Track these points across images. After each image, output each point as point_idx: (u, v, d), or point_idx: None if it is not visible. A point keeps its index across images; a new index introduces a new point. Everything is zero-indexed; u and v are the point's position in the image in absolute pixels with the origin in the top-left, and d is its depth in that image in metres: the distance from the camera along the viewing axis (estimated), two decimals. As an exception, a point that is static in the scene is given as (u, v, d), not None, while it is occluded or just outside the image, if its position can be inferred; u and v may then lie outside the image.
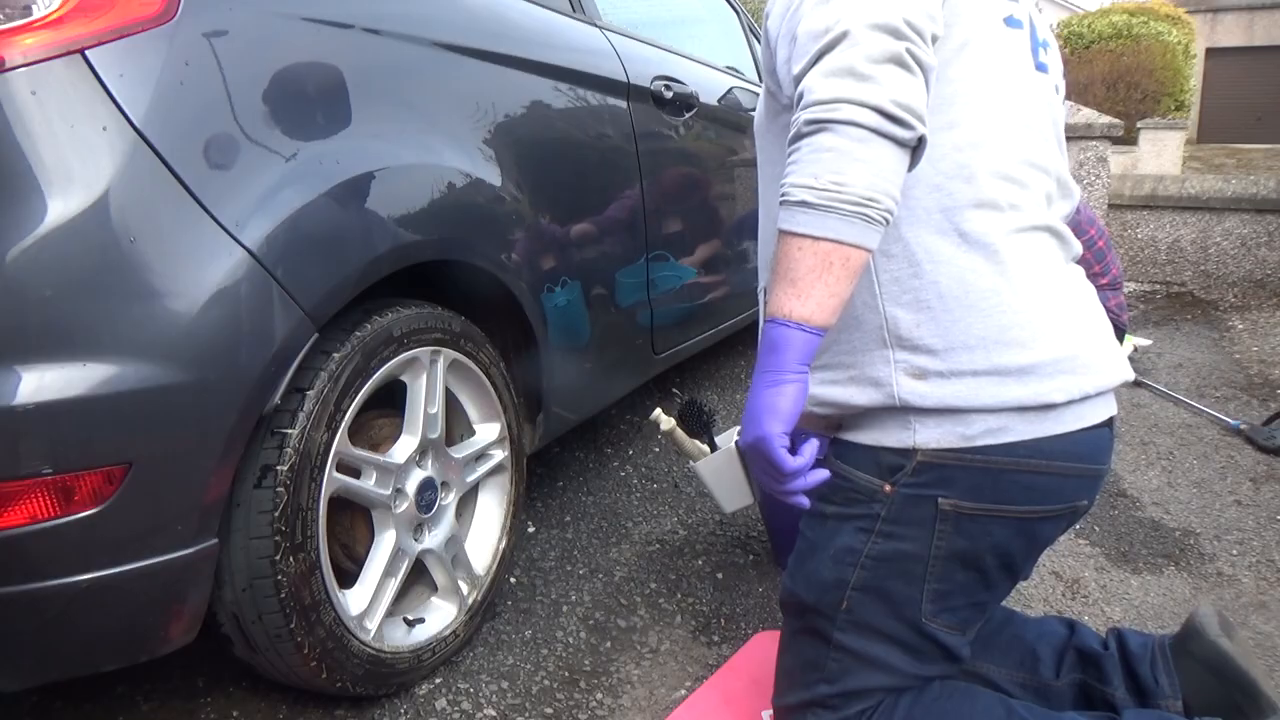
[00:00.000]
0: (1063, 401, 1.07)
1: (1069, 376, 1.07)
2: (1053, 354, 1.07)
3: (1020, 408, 1.05)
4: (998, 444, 1.06)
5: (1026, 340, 1.06)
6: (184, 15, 1.09)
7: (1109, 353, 1.14)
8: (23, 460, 0.97)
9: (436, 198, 1.40)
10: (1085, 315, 1.14)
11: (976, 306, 1.05)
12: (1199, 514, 2.26)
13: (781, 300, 0.95)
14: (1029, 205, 1.11)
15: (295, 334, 1.17)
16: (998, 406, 1.05)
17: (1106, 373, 1.12)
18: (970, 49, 1.09)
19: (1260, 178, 5.15)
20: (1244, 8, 17.92)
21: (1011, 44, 1.13)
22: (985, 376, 1.05)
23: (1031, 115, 1.15)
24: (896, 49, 0.91)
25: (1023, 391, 1.05)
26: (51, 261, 0.98)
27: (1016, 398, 1.05)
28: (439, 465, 1.50)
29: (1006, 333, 1.05)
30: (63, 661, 1.10)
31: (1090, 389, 1.09)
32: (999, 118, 1.10)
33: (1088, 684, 1.30)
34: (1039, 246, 1.11)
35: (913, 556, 1.12)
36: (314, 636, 1.25)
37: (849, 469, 1.14)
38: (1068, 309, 1.11)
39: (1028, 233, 1.10)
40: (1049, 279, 1.11)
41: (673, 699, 1.49)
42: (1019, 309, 1.06)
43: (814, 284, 0.93)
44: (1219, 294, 4.99)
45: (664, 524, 2.13)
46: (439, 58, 1.49)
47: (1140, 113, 11.73)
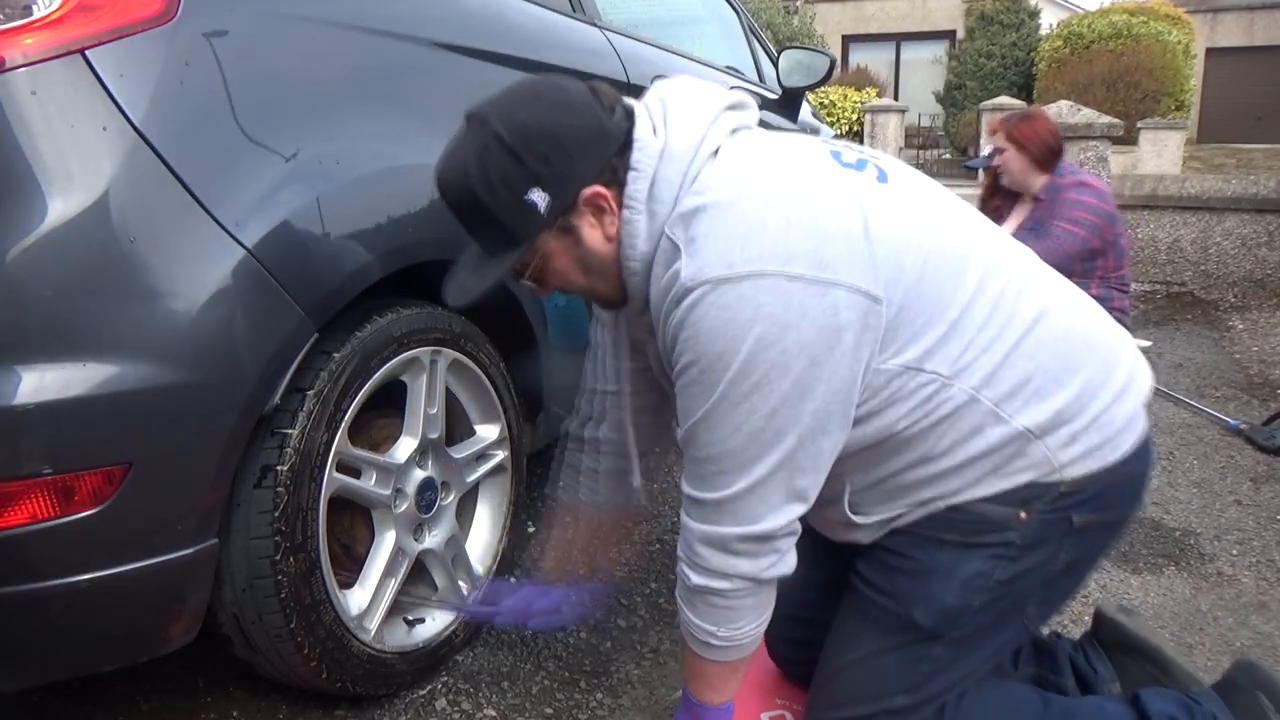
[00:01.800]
0: (1147, 398, 1.14)
1: (1141, 367, 1.15)
2: (1131, 355, 1.15)
3: (1136, 416, 1.12)
4: (1120, 457, 1.10)
5: (1118, 356, 1.13)
6: (184, 15, 1.09)
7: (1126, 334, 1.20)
8: (23, 460, 0.97)
9: (436, 197, 1.39)
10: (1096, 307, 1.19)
11: (1085, 363, 1.09)
12: (1199, 514, 2.26)
13: (702, 693, 1.15)
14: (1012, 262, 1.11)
15: (295, 334, 1.17)
16: (1122, 426, 1.10)
17: (1143, 357, 1.19)
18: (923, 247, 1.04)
19: (1260, 178, 5.15)
20: (1244, 8, 17.93)
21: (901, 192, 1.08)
22: (1112, 406, 1.09)
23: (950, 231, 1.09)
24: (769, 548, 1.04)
25: (1130, 404, 1.11)
26: (52, 261, 0.98)
27: (1129, 411, 1.11)
28: (439, 465, 1.50)
29: (1109, 360, 1.11)
30: (63, 661, 1.10)
31: (1150, 374, 1.17)
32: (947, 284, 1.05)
33: (1042, 675, 1.36)
34: (1046, 279, 1.14)
35: (1035, 571, 1.13)
36: (314, 636, 1.25)
37: (975, 505, 1.10)
38: (1094, 309, 1.17)
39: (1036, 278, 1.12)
40: (1071, 296, 1.15)
41: (673, 699, 1.49)
42: (1100, 333, 1.13)
43: (728, 681, 1.15)
44: (1219, 294, 4.99)
45: (664, 524, 2.13)
46: (439, 58, 1.49)
47: (1140, 113, 11.74)
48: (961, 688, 1.16)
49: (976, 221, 1.13)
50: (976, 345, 1.04)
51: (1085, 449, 1.08)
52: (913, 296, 1.01)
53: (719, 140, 1.04)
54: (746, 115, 1.10)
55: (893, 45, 17.60)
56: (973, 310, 1.04)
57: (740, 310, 0.94)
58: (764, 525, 1.02)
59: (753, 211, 0.97)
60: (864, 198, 1.02)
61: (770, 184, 1.00)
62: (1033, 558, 1.11)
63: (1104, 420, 1.08)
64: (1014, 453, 1.07)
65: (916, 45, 17.16)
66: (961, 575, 1.11)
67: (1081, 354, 1.09)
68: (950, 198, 1.14)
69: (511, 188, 0.99)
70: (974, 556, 1.11)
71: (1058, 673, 1.35)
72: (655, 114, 1.05)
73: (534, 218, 1.01)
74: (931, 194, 1.12)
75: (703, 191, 1.00)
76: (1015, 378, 1.05)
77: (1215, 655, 1.65)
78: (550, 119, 1.00)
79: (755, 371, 0.95)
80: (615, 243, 1.05)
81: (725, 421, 0.98)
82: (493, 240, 1.06)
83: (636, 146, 1.02)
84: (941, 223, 1.07)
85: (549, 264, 1.08)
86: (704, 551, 1.05)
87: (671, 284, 0.99)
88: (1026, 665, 1.35)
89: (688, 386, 1.00)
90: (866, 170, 1.07)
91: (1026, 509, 1.09)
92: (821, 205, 0.99)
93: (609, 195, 1.03)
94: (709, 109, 1.05)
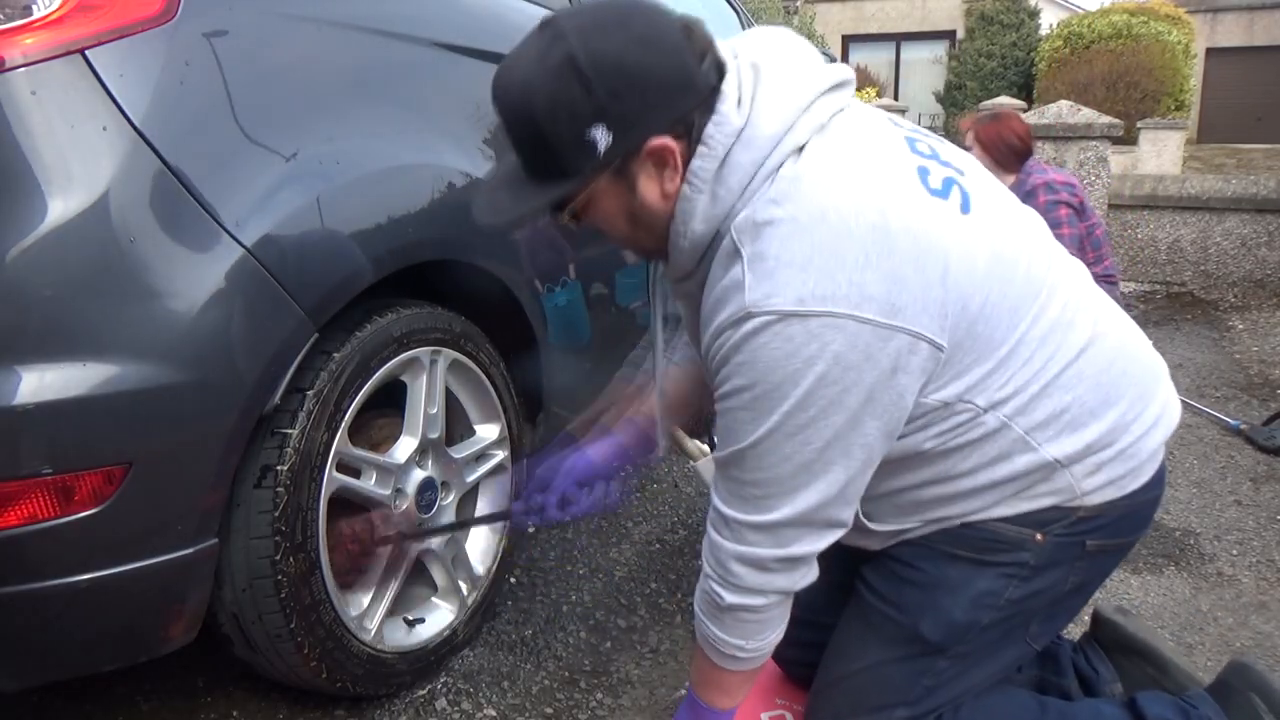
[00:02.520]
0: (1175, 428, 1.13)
1: (1172, 400, 1.15)
2: (1165, 388, 1.14)
3: (1158, 448, 1.11)
4: (1140, 485, 1.09)
5: (1153, 390, 1.11)
6: (184, 15, 1.09)
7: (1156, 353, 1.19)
8: (23, 460, 0.97)
9: (436, 197, 1.40)
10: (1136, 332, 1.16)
11: (1122, 395, 1.07)
12: (1199, 514, 2.26)
13: (715, 699, 1.15)
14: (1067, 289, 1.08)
15: (295, 334, 1.17)
16: (1148, 457, 1.09)
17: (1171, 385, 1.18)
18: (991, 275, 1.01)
19: (1260, 178, 5.15)
20: (1244, 8, 17.92)
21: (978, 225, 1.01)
22: (1143, 439, 1.09)
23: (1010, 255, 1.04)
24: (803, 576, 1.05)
25: (1161, 434, 1.11)
26: (52, 261, 0.98)
27: (1158, 441, 1.11)
28: (439, 465, 1.50)
29: (1143, 394, 1.10)
30: (63, 661, 1.10)
31: (1179, 406, 1.17)
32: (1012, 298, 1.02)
33: (1045, 678, 1.35)
34: (1096, 303, 1.11)
35: (1044, 592, 1.12)
36: (314, 636, 1.25)
37: (994, 523, 1.09)
38: (1137, 331, 1.15)
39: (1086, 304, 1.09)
40: (1118, 320, 1.13)
41: (673, 699, 1.49)
42: (1137, 366, 1.11)
43: (744, 686, 1.16)
44: (1219, 294, 4.98)
45: (664, 524, 2.13)
46: (439, 58, 1.49)
47: (1140, 113, 11.73)
48: (960, 701, 1.16)
49: (1042, 245, 1.09)
50: (1018, 379, 1.02)
51: (1109, 478, 1.07)
52: (967, 336, 0.98)
53: (807, 134, 0.95)
54: (843, 96, 1.01)
55: (893, 45, 17.59)
56: (1021, 347, 1.01)
57: (806, 347, 0.90)
58: (801, 549, 1.01)
59: (831, 243, 0.91)
60: (946, 238, 0.96)
61: (853, 211, 0.92)
62: (1044, 579, 1.10)
63: (1131, 451, 1.07)
64: (1039, 479, 1.06)
65: (916, 45, 17.15)
66: (972, 592, 1.10)
67: (1121, 387, 1.07)
68: (1022, 220, 1.09)
69: (574, 118, 0.90)
70: (986, 574, 1.10)
71: (1060, 675, 1.35)
72: (746, 81, 0.96)
73: (591, 156, 0.92)
74: (1007, 221, 1.06)
75: (780, 201, 0.93)
76: (1051, 408, 1.03)
77: (1215, 655, 1.65)
78: (634, 52, 0.90)
79: (814, 406, 0.93)
80: (671, 202, 0.98)
81: (776, 450, 0.96)
82: (539, 165, 0.96)
83: (715, 119, 0.94)
84: (1011, 257, 1.02)
85: (595, 205, 1.00)
86: (739, 570, 1.03)
87: (730, 296, 0.93)
88: (1029, 668, 1.35)
89: (736, 410, 0.97)
90: (951, 198, 1.00)
91: (1043, 531, 1.08)
92: (903, 245, 0.93)
93: (677, 150, 0.94)
94: (804, 92, 0.96)
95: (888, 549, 1.16)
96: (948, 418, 1.01)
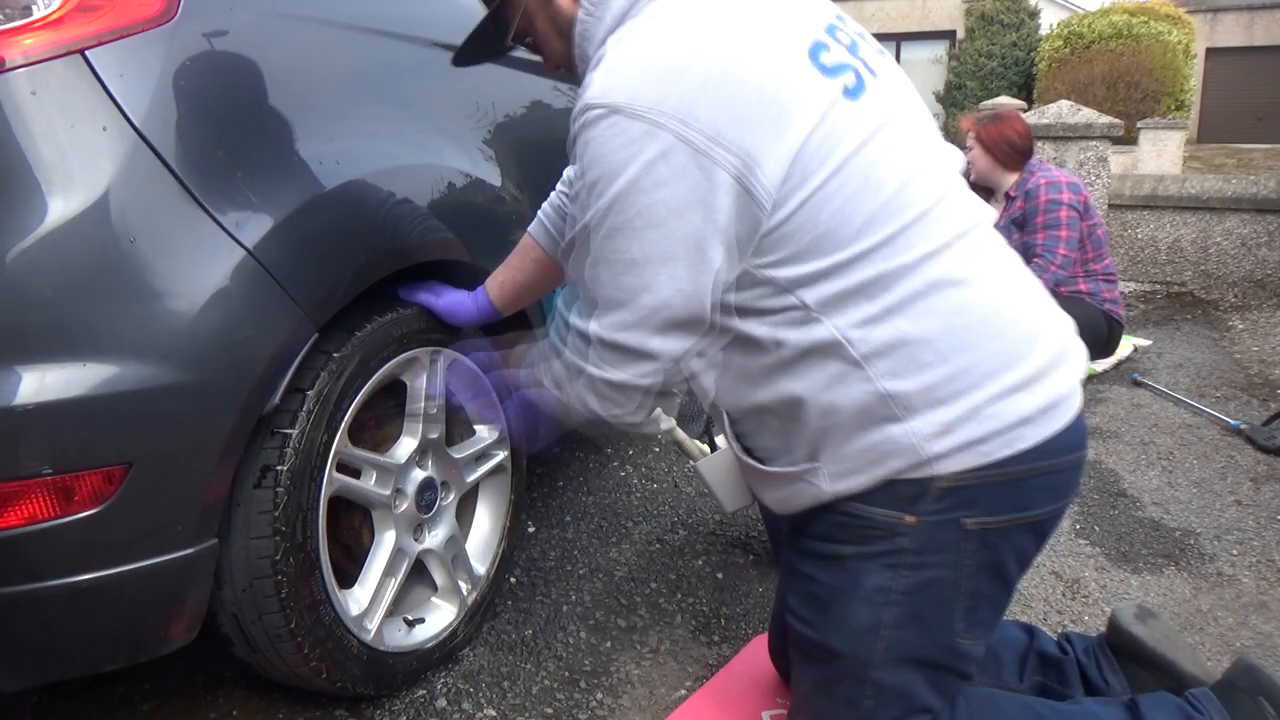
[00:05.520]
0: (1065, 394, 1.06)
1: (1065, 367, 1.07)
2: (1049, 352, 1.06)
3: (1037, 416, 1.04)
4: (1014, 454, 1.03)
5: (1027, 350, 1.04)
6: (184, 15, 1.09)
7: (1069, 329, 1.12)
8: (23, 460, 0.97)
9: (436, 198, 1.40)
10: (1043, 298, 1.11)
11: (976, 345, 1.02)
12: (1199, 514, 2.26)
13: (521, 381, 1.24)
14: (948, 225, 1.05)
15: (295, 334, 1.17)
16: (1016, 422, 1.02)
17: (1078, 352, 1.11)
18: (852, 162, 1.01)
19: (1260, 178, 5.15)
20: (1244, 8, 17.92)
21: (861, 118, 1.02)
22: (1002, 399, 1.02)
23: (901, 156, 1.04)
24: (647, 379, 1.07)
25: (1033, 400, 1.03)
26: (52, 261, 0.98)
27: (1031, 407, 1.03)
28: (439, 465, 1.50)
29: (1011, 351, 1.03)
30: (63, 661, 1.10)
31: (1079, 374, 1.09)
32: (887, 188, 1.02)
33: (1049, 686, 1.33)
34: (985, 253, 1.08)
35: (943, 581, 1.08)
36: (314, 636, 1.25)
37: (864, 507, 1.07)
38: (1035, 299, 1.09)
39: (970, 249, 1.06)
40: (1009, 278, 1.08)
41: (673, 699, 1.49)
42: (1012, 322, 1.05)
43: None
44: (1219, 294, 4.99)
45: (664, 524, 2.13)
46: (439, 58, 1.49)
47: (1140, 113, 11.73)
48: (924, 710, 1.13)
49: (944, 181, 1.06)
50: (856, 292, 1.00)
51: (962, 441, 1.01)
52: (807, 221, 0.98)
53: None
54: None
55: (893, 45, 17.56)
56: (868, 261, 1.00)
57: (625, 149, 0.95)
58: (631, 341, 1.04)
59: (677, 61, 0.95)
60: (802, 104, 0.97)
61: (717, 35, 0.97)
62: (933, 566, 1.07)
63: (988, 413, 1.01)
64: (880, 426, 1.03)
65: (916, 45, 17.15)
66: (862, 591, 1.09)
67: (977, 335, 1.02)
68: (927, 150, 1.07)
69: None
70: (870, 569, 1.08)
71: (1065, 684, 1.32)
72: None
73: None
74: (903, 136, 1.04)
75: (645, 26, 1.00)
76: (889, 336, 1.00)
77: (1215, 655, 1.65)
78: None
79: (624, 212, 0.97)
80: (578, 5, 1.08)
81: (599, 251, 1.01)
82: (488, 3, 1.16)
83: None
84: (887, 168, 1.01)
85: (532, 25, 1.14)
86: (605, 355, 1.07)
87: (579, 97, 1.00)
88: (1032, 675, 1.33)
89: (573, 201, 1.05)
90: (836, 80, 1.00)
91: (912, 512, 1.05)
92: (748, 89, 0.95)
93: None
94: None
95: (794, 556, 1.17)
96: (780, 309, 1.02)
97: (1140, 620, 1.35)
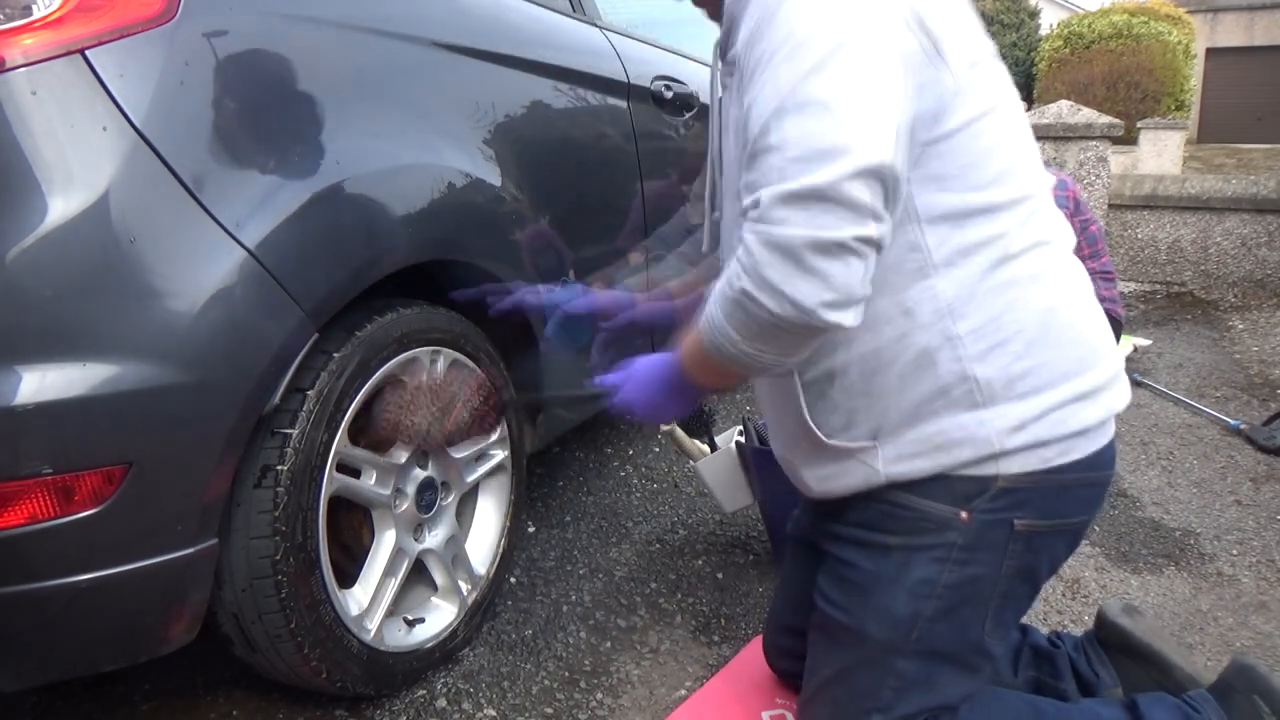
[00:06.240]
0: (1118, 410, 1.11)
1: (1120, 385, 1.12)
2: (1112, 368, 1.11)
3: (1091, 426, 1.08)
4: (1069, 462, 1.07)
5: (1095, 361, 1.09)
6: (184, 15, 1.09)
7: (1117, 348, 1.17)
8: (23, 460, 0.97)
9: (436, 198, 1.40)
10: (1102, 316, 1.15)
11: (1058, 342, 1.05)
12: (1199, 514, 2.26)
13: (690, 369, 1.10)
14: (1050, 222, 1.09)
15: (295, 334, 1.17)
16: (1078, 430, 1.06)
17: (1125, 374, 1.15)
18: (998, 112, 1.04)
19: (1260, 178, 5.15)
20: (1244, 8, 17.92)
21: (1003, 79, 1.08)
22: (1070, 405, 1.06)
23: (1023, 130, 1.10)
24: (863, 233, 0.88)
25: (1095, 411, 1.07)
26: (52, 262, 0.98)
27: (1093, 419, 1.07)
28: (439, 465, 1.50)
29: (1084, 359, 1.07)
30: (63, 661, 1.10)
31: (1127, 395, 1.13)
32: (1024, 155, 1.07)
33: (1042, 680, 1.35)
34: (1065, 261, 1.11)
35: (984, 579, 1.11)
36: (314, 636, 1.25)
37: (917, 499, 1.09)
38: (1099, 316, 1.14)
39: (1062, 251, 1.10)
40: (1085, 289, 1.12)
41: (673, 699, 1.49)
42: (1087, 332, 1.09)
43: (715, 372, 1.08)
44: (1219, 294, 4.99)
45: (664, 524, 2.13)
46: (439, 58, 1.49)
47: (1140, 113, 11.73)
48: (941, 708, 1.14)
49: (1043, 173, 1.11)
50: (972, 253, 1.01)
51: (1030, 440, 1.04)
52: (962, 143, 0.99)
53: None
54: None
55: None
56: (992, 218, 1.01)
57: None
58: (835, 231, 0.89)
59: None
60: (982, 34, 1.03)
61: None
62: (979, 563, 1.09)
63: (1056, 417, 1.05)
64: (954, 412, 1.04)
65: (916, 45, 17.14)
66: (908, 581, 1.10)
67: (1056, 337, 1.05)
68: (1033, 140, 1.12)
69: None
70: (918, 560, 1.10)
71: (1058, 678, 1.34)
72: None
73: None
74: (1021, 116, 1.09)
75: None
76: (987, 313, 1.02)
77: (1215, 655, 1.65)
78: None
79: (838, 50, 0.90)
80: None
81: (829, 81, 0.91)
82: None
83: None
84: (1020, 130, 1.06)
85: None
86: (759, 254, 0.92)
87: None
88: (1026, 669, 1.35)
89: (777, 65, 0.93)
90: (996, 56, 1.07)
91: (967, 508, 1.07)
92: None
93: None
94: None
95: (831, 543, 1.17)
96: (901, 249, 1.00)
97: (1127, 614, 1.39)
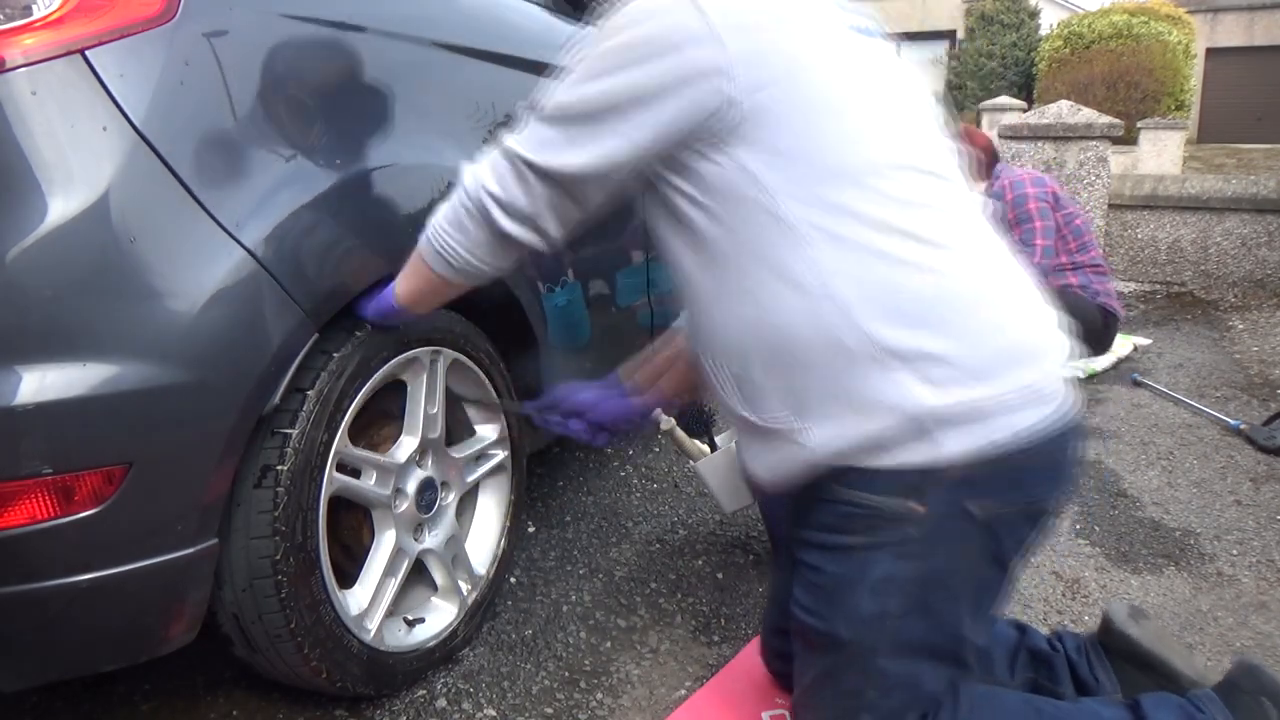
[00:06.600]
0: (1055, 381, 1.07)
1: (1056, 351, 1.09)
2: (1038, 336, 1.08)
3: (1032, 394, 1.04)
4: (1017, 437, 1.03)
5: (1017, 327, 1.06)
6: (184, 15, 1.09)
7: (1056, 318, 1.13)
8: (23, 460, 0.97)
9: (437, 197, 1.40)
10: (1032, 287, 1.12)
11: (966, 310, 1.04)
12: (1199, 514, 2.26)
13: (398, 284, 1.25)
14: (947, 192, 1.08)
15: (295, 334, 1.17)
16: (1017, 398, 1.03)
17: (1063, 339, 1.12)
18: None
19: (1260, 178, 5.15)
20: (1244, 8, 17.92)
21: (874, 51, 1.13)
22: (1003, 369, 1.03)
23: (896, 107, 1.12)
24: None
25: (1034, 374, 1.04)
26: (52, 261, 0.98)
27: (1032, 381, 1.04)
28: (439, 465, 1.50)
29: (1001, 326, 1.05)
30: (63, 661, 1.10)
31: (1064, 361, 1.10)
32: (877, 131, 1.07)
33: (1039, 683, 1.33)
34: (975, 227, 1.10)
35: (950, 569, 1.09)
36: (314, 636, 1.25)
37: (868, 496, 1.07)
38: (1025, 284, 1.11)
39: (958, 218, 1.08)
40: (997, 258, 1.10)
41: (673, 699, 1.49)
42: (998, 298, 1.06)
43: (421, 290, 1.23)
44: (1219, 294, 4.99)
45: (664, 524, 2.13)
46: (439, 58, 1.49)
47: (1140, 113, 11.73)
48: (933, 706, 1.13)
49: (949, 157, 1.10)
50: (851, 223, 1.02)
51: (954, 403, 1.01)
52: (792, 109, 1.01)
53: None
54: None
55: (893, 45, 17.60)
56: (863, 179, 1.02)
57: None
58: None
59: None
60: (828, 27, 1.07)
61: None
62: (940, 554, 1.08)
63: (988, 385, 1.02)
64: (862, 371, 1.02)
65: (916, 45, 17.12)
66: (870, 580, 1.09)
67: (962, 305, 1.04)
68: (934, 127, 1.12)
69: None
70: (878, 558, 1.08)
71: (1056, 681, 1.33)
72: None
73: None
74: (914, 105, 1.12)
75: None
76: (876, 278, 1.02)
77: (1215, 655, 1.65)
78: None
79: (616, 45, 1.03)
80: None
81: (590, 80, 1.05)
82: None
83: None
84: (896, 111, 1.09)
85: None
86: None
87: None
88: (1023, 671, 1.34)
89: None
90: (865, 36, 1.11)
91: (919, 500, 1.05)
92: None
93: None
94: None
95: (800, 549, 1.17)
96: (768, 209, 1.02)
97: (1134, 620, 1.37)
